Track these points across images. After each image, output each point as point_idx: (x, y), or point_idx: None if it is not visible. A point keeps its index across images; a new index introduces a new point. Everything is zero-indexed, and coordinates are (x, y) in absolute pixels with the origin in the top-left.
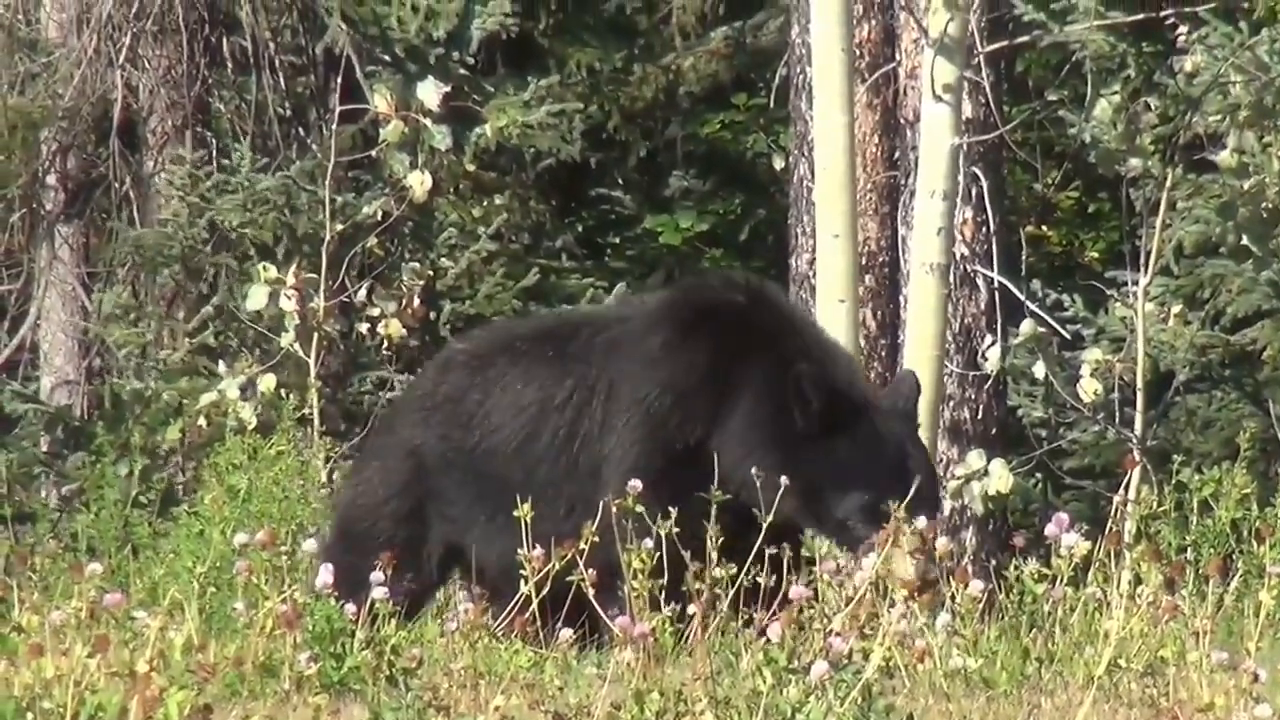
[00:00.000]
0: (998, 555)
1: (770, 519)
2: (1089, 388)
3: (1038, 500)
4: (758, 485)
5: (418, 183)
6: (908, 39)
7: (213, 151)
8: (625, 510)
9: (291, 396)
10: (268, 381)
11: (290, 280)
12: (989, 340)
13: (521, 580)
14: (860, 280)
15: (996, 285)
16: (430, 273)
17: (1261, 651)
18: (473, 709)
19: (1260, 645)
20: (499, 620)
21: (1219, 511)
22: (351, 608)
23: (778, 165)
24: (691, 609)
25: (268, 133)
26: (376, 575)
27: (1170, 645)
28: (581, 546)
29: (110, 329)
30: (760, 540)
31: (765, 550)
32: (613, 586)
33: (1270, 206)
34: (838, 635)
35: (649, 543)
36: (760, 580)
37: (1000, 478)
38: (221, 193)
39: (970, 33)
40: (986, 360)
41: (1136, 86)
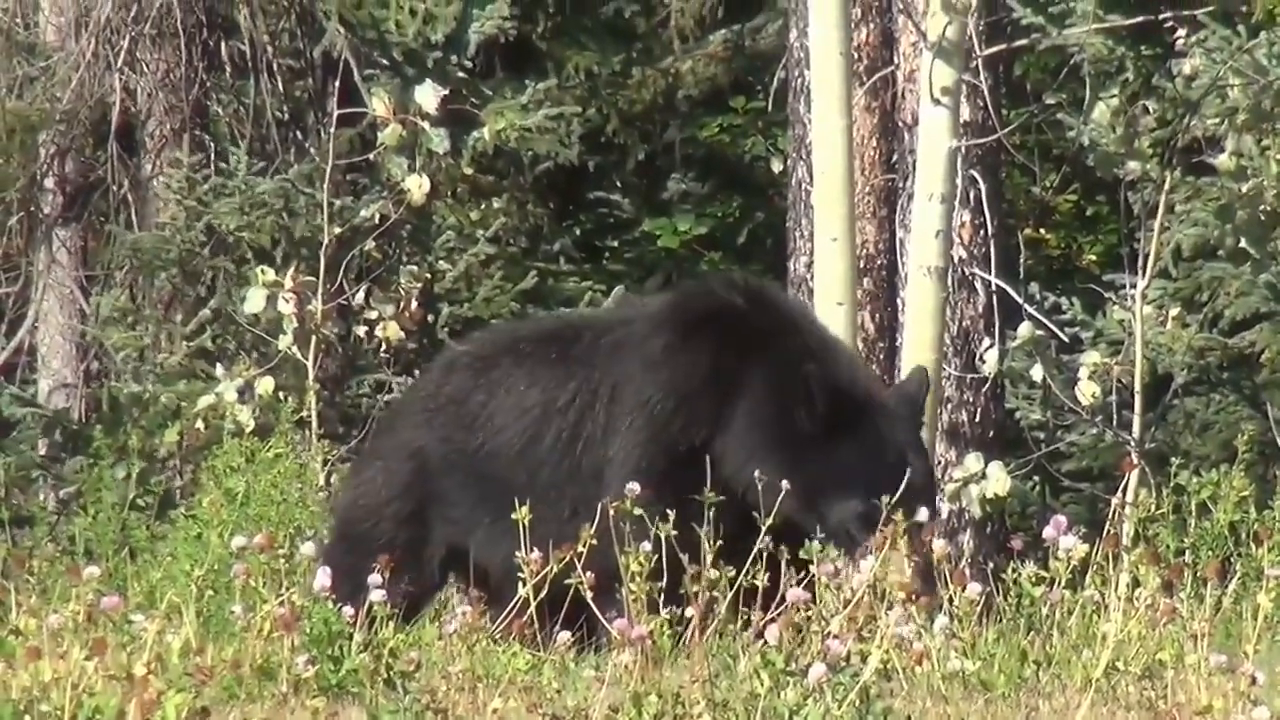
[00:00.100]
0: (996, 558)
1: (771, 521)
2: (1087, 390)
3: (1036, 503)
4: (759, 488)
5: (416, 186)
6: (906, 42)
7: (211, 155)
8: (623, 513)
9: (289, 399)
10: (266, 384)
11: (288, 283)
12: (987, 343)
13: (521, 583)
14: (859, 283)
15: (995, 288)
16: (428, 276)
17: (1259, 654)
18: (471, 712)
19: (1258, 648)
20: (498, 623)
21: (1217, 514)
22: (350, 610)
23: (776, 168)
24: (690, 611)
25: (266, 136)
26: (374, 578)
27: (1168, 648)
28: (580, 549)
29: (108, 332)
30: (760, 542)
31: (765, 552)
32: (612, 589)
33: (1268, 209)
34: (835, 638)
35: (647, 546)
36: (759, 583)
37: (998, 480)
38: (219, 196)
39: (968, 36)
40: (984, 363)
41: (1135, 89)
